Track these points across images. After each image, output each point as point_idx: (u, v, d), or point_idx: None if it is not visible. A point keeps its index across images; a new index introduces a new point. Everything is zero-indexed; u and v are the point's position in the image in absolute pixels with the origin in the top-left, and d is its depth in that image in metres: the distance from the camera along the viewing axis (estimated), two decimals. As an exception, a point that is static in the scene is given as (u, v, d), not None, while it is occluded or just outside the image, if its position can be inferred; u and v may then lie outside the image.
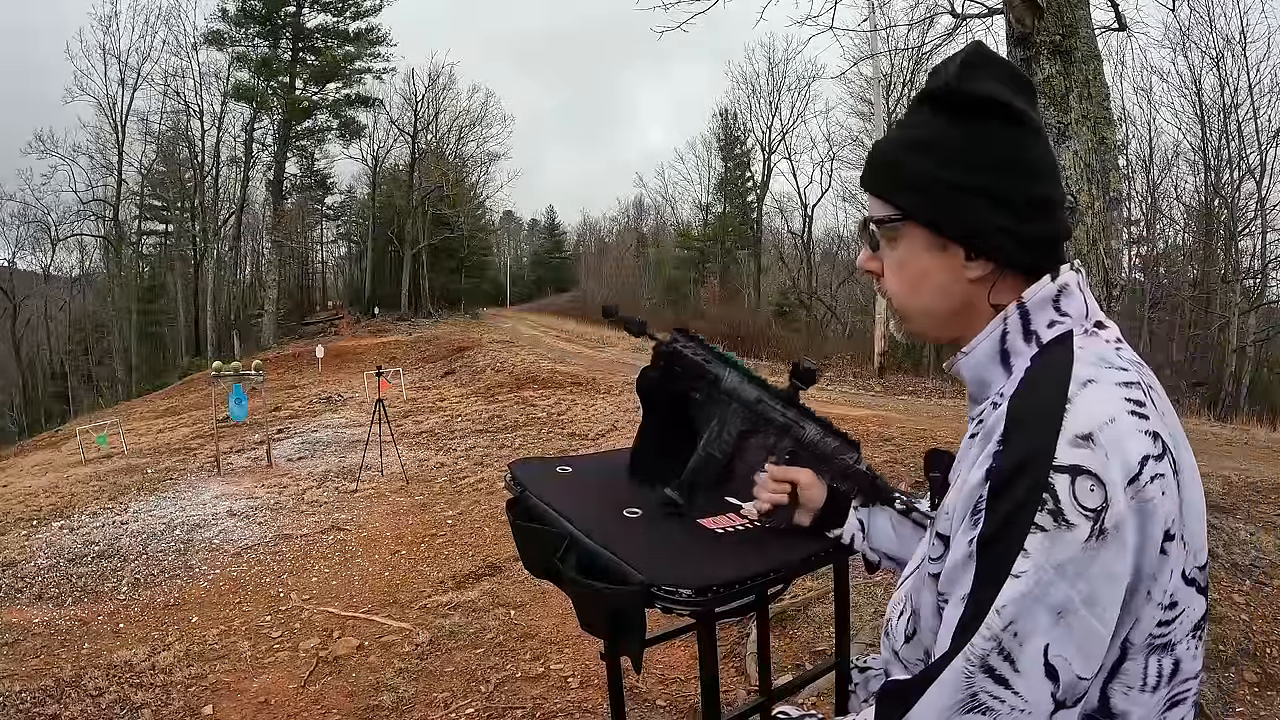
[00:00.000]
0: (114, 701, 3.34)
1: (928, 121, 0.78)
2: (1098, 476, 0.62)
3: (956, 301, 0.79)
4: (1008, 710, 0.63)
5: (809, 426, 1.06)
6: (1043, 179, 0.76)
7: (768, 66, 33.38)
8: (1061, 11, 2.72)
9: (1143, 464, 0.63)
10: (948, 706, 0.65)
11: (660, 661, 3.16)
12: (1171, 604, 0.68)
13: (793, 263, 31.17)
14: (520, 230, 61.07)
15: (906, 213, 0.78)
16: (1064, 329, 0.74)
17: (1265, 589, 3.14)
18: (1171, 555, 0.66)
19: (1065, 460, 0.62)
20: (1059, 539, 0.61)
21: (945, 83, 0.76)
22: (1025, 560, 0.62)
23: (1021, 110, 0.75)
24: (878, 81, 18.69)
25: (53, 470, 9.78)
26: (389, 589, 4.54)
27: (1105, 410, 0.65)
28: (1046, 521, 0.62)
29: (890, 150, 0.81)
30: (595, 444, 8.08)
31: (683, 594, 0.92)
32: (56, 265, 31.56)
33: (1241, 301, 18.45)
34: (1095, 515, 0.61)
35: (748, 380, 1.09)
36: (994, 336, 0.77)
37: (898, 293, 0.83)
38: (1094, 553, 0.61)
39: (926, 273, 0.79)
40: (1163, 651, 0.69)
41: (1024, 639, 0.62)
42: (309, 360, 18.80)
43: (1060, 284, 0.75)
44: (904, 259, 0.80)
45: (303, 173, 32.04)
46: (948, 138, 0.76)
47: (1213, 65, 19.52)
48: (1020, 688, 0.63)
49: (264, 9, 28.85)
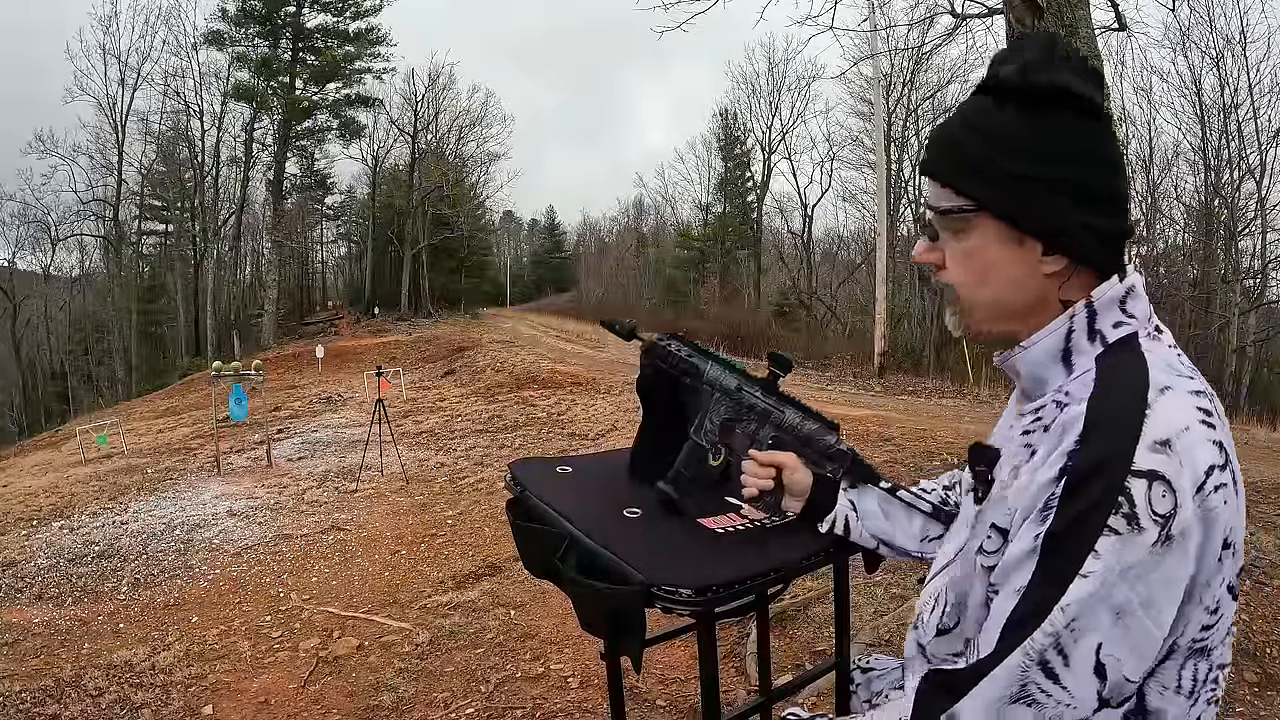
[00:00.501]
0: (114, 701, 3.34)
1: (999, 111, 0.75)
2: (1171, 483, 0.62)
3: (1030, 296, 0.77)
4: (1054, 705, 0.64)
5: (788, 411, 1.10)
6: (1118, 172, 0.75)
7: (768, 66, 33.41)
8: (1061, 11, 2.73)
9: (1209, 473, 0.64)
10: (998, 699, 0.65)
11: (660, 661, 3.16)
12: (1215, 609, 0.68)
13: (793, 263, 31.18)
14: (520, 230, 61.08)
15: (981, 204, 0.76)
16: (1129, 330, 0.74)
17: (1265, 589, 3.14)
18: (1226, 563, 0.67)
19: (1143, 465, 0.63)
20: (1130, 542, 0.62)
21: (1019, 73, 0.74)
22: (1095, 561, 0.63)
23: (1097, 102, 0.73)
24: (878, 81, 18.69)
25: (53, 470, 9.78)
26: (389, 589, 4.54)
27: (1182, 418, 0.65)
28: (1120, 524, 0.62)
29: (961, 137, 0.77)
30: (595, 444, 8.08)
31: (683, 594, 0.92)
32: (56, 265, 31.60)
33: (1241, 301, 18.44)
34: (1165, 521, 0.62)
35: (728, 371, 1.13)
36: (1059, 334, 0.75)
37: (965, 284, 0.80)
38: (1159, 558, 0.62)
39: (998, 265, 0.77)
40: (1200, 656, 0.69)
41: (1080, 637, 0.63)
42: (309, 360, 18.80)
43: (1128, 285, 0.75)
44: (973, 250, 0.78)
45: (303, 173, 32.05)
46: (1023, 129, 0.73)
47: (1213, 65, 19.53)
48: (1069, 683, 0.63)
49: (264, 9, 28.85)
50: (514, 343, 19.23)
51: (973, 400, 11.63)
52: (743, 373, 1.14)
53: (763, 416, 1.10)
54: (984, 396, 11.81)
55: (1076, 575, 0.63)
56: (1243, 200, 19.30)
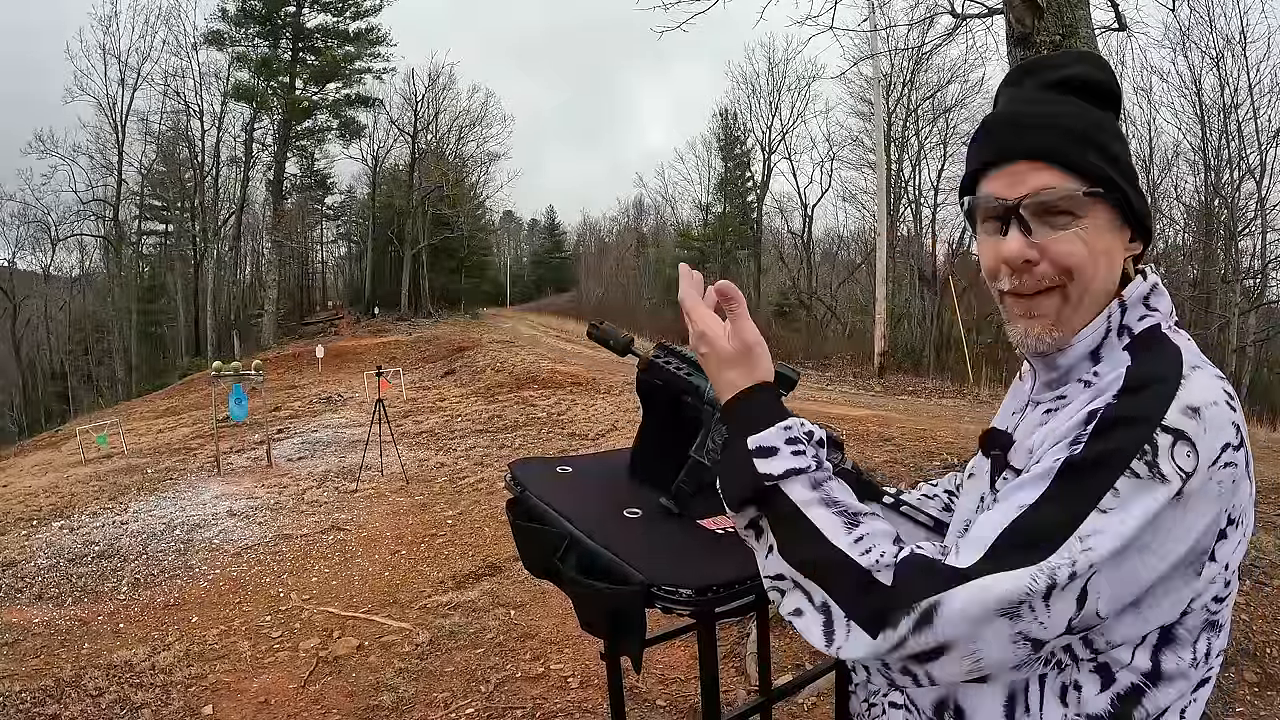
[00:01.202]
0: (114, 701, 3.34)
1: (1083, 105, 0.78)
2: (1195, 445, 0.65)
3: (1110, 285, 0.78)
4: (1032, 619, 0.64)
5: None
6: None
7: (768, 66, 33.39)
8: (1061, 11, 2.73)
9: (1224, 449, 0.66)
10: (991, 606, 0.64)
11: (660, 661, 3.16)
12: (1228, 582, 0.72)
13: (793, 263, 31.17)
14: (520, 230, 61.10)
15: (1104, 189, 0.74)
16: (1153, 322, 0.77)
17: (1265, 589, 3.14)
18: (1230, 539, 0.70)
19: (1173, 423, 0.65)
20: (1149, 487, 0.64)
21: (1104, 76, 0.81)
22: (1114, 499, 0.64)
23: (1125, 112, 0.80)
24: (878, 81, 18.68)
25: (53, 470, 9.78)
26: (389, 589, 4.54)
27: (1211, 393, 0.68)
28: (1142, 469, 0.64)
29: (1076, 121, 0.76)
30: (595, 444, 8.08)
31: (683, 594, 0.92)
32: (56, 265, 31.60)
33: (1241, 301, 18.44)
34: (1185, 477, 0.64)
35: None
36: (1099, 330, 0.77)
37: (1081, 275, 0.75)
38: (1172, 511, 0.64)
39: (1109, 253, 0.76)
40: (1212, 630, 0.72)
41: (1081, 574, 0.64)
42: (309, 360, 18.80)
43: (1152, 282, 0.79)
44: (1089, 238, 0.74)
45: (303, 173, 32.06)
46: (1111, 124, 0.79)
47: (1213, 65, 19.52)
48: (1054, 605, 0.64)
49: (264, 9, 28.85)
50: (514, 343, 19.24)
51: (973, 400, 11.63)
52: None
53: None
54: (984, 396, 11.82)
55: (1094, 509, 0.64)
56: (1243, 200, 19.29)
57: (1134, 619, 0.69)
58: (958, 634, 0.64)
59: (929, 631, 0.65)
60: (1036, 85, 0.81)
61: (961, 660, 0.65)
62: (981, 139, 0.81)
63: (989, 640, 0.64)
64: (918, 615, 0.65)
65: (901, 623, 0.65)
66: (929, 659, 0.66)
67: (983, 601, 0.64)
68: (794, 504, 0.72)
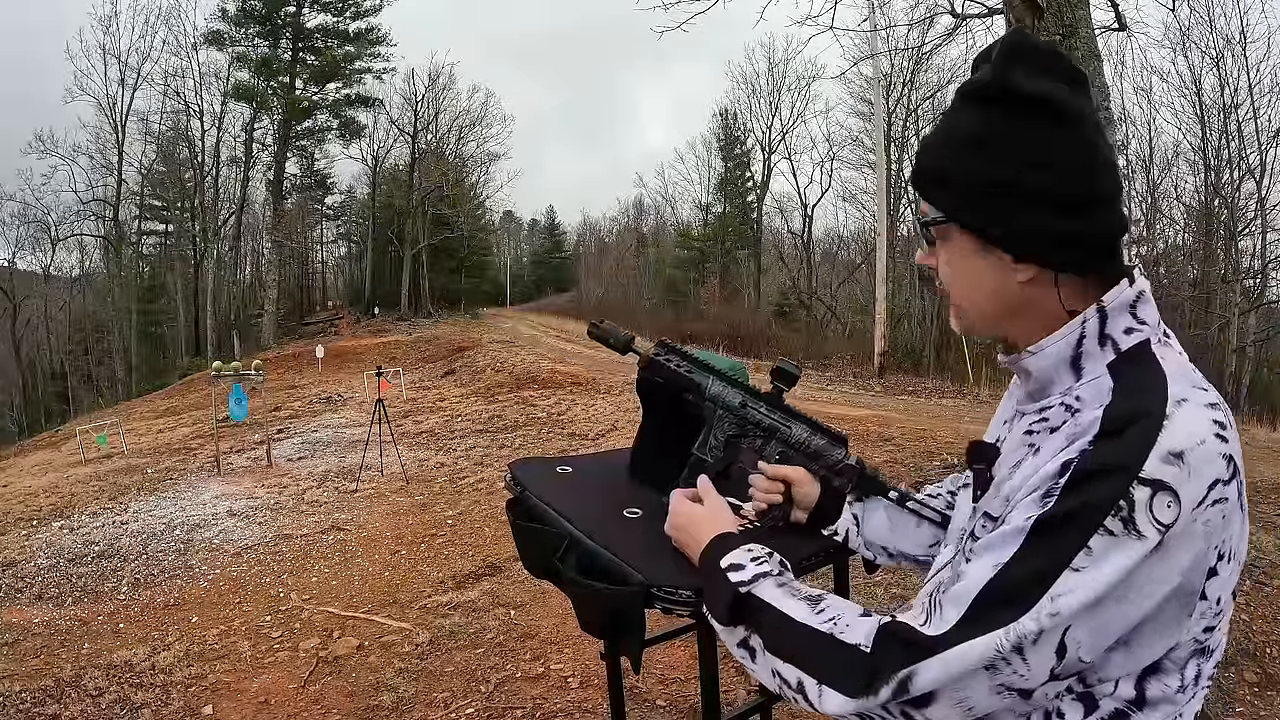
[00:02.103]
0: (114, 701, 3.34)
1: (967, 118, 0.75)
2: (1177, 494, 0.63)
3: (1010, 303, 0.76)
4: (1009, 673, 0.66)
5: (795, 426, 1.08)
6: (1086, 174, 0.71)
7: (768, 66, 33.41)
8: (1061, 11, 2.72)
9: (1212, 487, 0.64)
10: (966, 670, 0.66)
11: (660, 661, 3.16)
12: (1219, 613, 0.70)
13: (793, 263, 31.18)
14: (520, 230, 61.07)
15: (947, 214, 0.76)
16: (1141, 338, 0.72)
17: (1265, 589, 3.15)
18: (1222, 574, 0.68)
19: (1152, 474, 0.63)
20: (1124, 545, 0.63)
21: (984, 77, 0.73)
22: (1086, 558, 0.63)
23: (1061, 101, 0.70)
24: (878, 81, 18.68)
25: (53, 470, 9.78)
26: (389, 589, 4.54)
27: (1198, 431, 0.65)
28: (1117, 527, 0.63)
29: (932, 149, 0.78)
30: (595, 444, 8.08)
31: (683, 594, 0.92)
32: (56, 265, 31.60)
33: (1241, 301, 18.44)
34: (1165, 530, 0.62)
35: (731, 387, 1.10)
36: (1070, 340, 0.74)
37: (951, 291, 0.81)
38: (1150, 563, 0.63)
39: (976, 274, 0.77)
40: (1202, 656, 0.71)
41: (1054, 629, 0.64)
42: (309, 360, 18.80)
43: (1138, 290, 0.73)
44: (952, 259, 0.79)
45: (303, 173, 32.05)
46: (985, 136, 0.72)
47: (1213, 65, 19.52)
48: (1031, 659, 0.65)
49: (264, 9, 28.85)
50: (514, 343, 19.24)
51: (973, 400, 11.63)
52: (746, 387, 1.11)
53: (769, 432, 1.09)
54: (984, 396, 11.82)
55: (1067, 568, 0.64)
56: (1243, 200, 19.30)
57: (1124, 658, 0.68)
58: (940, 689, 0.67)
59: (911, 692, 0.68)
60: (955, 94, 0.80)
61: (952, 707, 0.68)
62: None
63: (974, 689, 0.67)
64: (896, 684, 0.68)
65: (882, 690, 0.69)
66: (921, 705, 0.69)
67: (959, 666, 0.66)
68: (765, 601, 0.80)
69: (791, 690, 0.76)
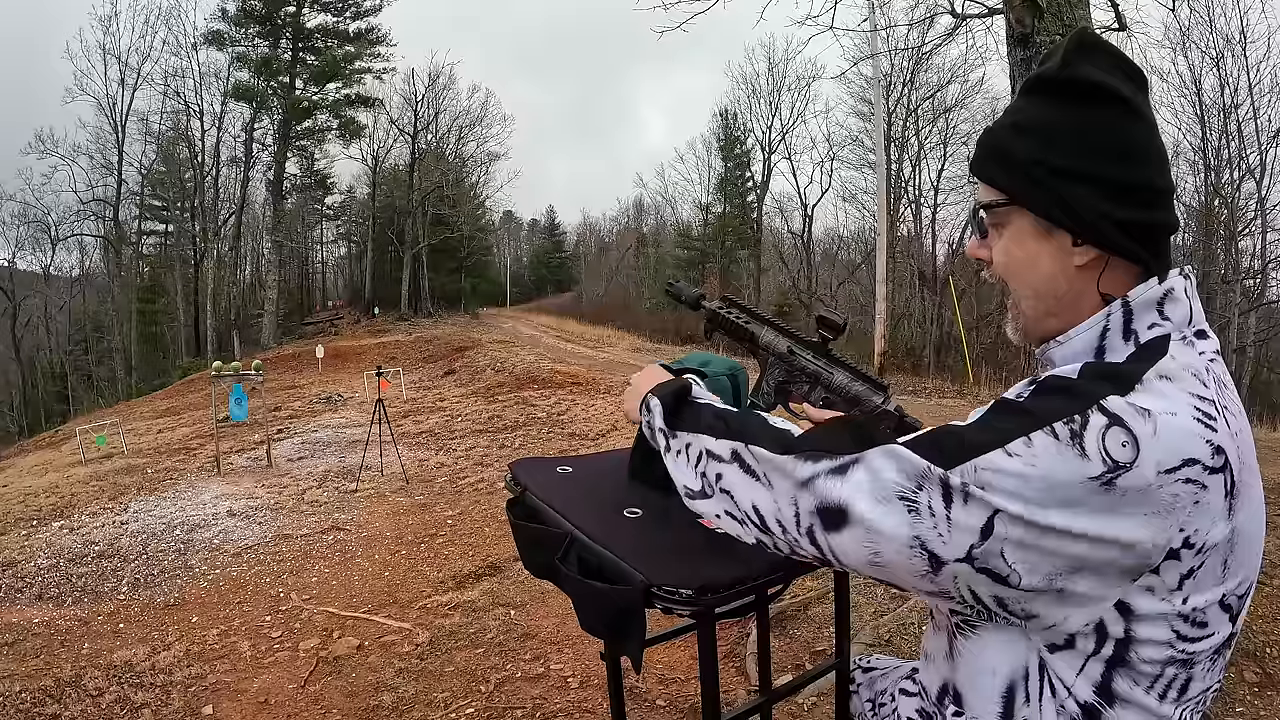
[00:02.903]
0: (114, 701, 3.34)
1: (1034, 106, 0.77)
2: (1137, 442, 0.63)
3: (1065, 288, 0.78)
4: (929, 526, 0.66)
5: (838, 373, 1.13)
6: (1147, 166, 0.74)
7: (768, 66, 33.43)
8: (1061, 11, 2.73)
9: (1187, 463, 0.64)
10: (891, 481, 0.68)
11: (660, 661, 3.16)
12: (1201, 623, 0.69)
13: (793, 263, 31.17)
14: (520, 230, 61.10)
15: (1013, 197, 0.78)
16: (1163, 332, 0.74)
17: (1265, 589, 3.14)
18: (1184, 562, 0.67)
19: (1114, 409, 0.65)
20: (1063, 454, 0.64)
21: (1054, 69, 0.76)
22: (1024, 446, 0.65)
23: (1127, 96, 0.74)
24: (878, 81, 18.68)
25: (53, 470, 9.77)
26: (389, 589, 4.54)
27: (1170, 403, 0.66)
28: (1063, 433, 0.64)
29: (998, 135, 0.80)
30: (595, 444, 8.08)
31: (683, 594, 0.92)
32: (56, 265, 31.58)
33: (1241, 301, 18.45)
34: (1114, 466, 0.63)
35: (781, 335, 1.19)
36: (1095, 330, 0.76)
37: (1001, 277, 0.83)
38: (1090, 494, 0.63)
39: (1034, 258, 0.79)
40: (1181, 666, 0.70)
41: (986, 495, 0.65)
42: (309, 360, 18.80)
43: (1166, 288, 0.75)
44: (1011, 245, 0.80)
45: (303, 173, 32.03)
46: (1053, 123, 0.75)
47: (1213, 65, 19.52)
48: (956, 517, 0.65)
49: (264, 9, 28.84)
50: (514, 343, 19.24)
51: (973, 400, 11.63)
52: (795, 336, 1.18)
53: (813, 379, 1.14)
54: (984, 396, 11.82)
55: (1001, 448, 0.65)
56: (1243, 200, 19.30)
57: (1062, 603, 0.67)
58: (861, 497, 0.68)
59: (840, 481, 0.69)
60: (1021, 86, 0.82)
61: (861, 543, 0.69)
62: None
63: (891, 526, 0.67)
64: (838, 463, 0.70)
65: (823, 460, 0.71)
66: (832, 525, 0.70)
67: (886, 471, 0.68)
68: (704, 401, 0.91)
69: (720, 462, 0.81)
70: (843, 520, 0.69)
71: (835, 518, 0.70)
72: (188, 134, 29.10)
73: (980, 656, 0.76)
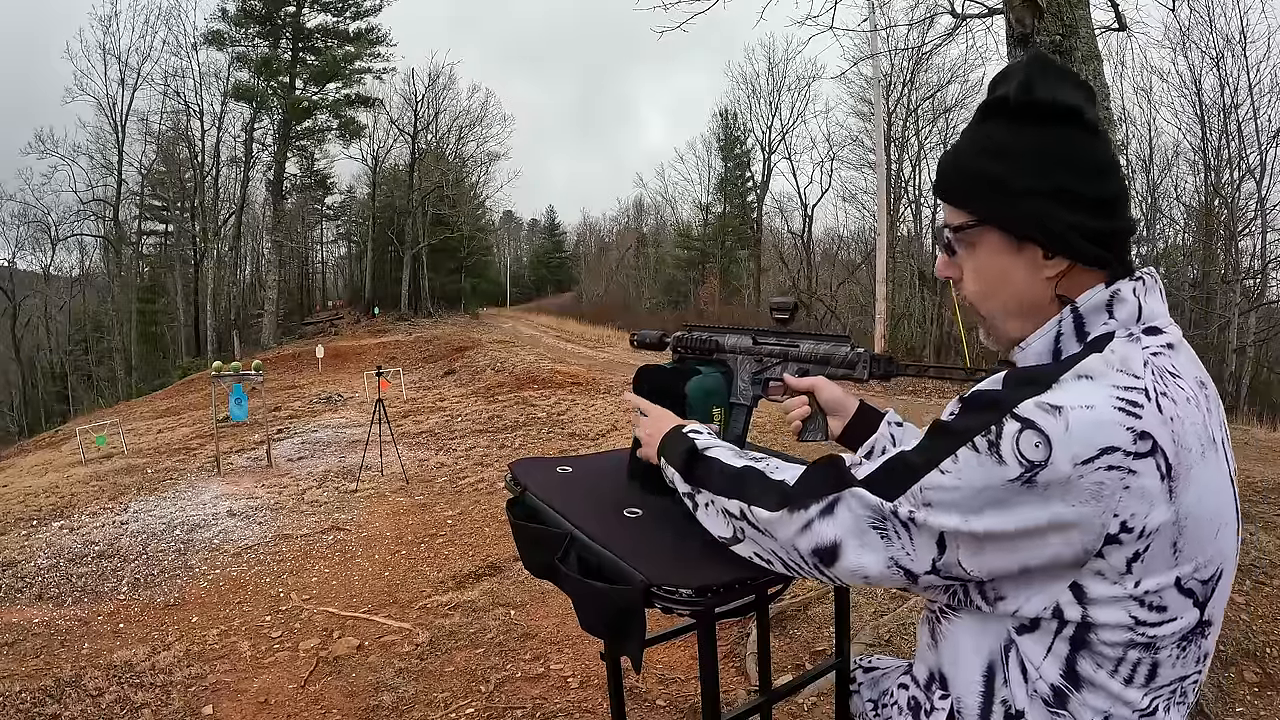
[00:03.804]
0: (114, 701, 3.34)
1: (996, 129, 0.82)
2: (1048, 439, 0.68)
3: (1036, 298, 0.82)
4: (899, 549, 0.76)
5: (802, 343, 1.19)
6: (1106, 177, 0.79)
7: (768, 66, 33.46)
8: (1061, 11, 2.72)
9: (1106, 452, 0.68)
10: (864, 517, 0.78)
11: (660, 661, 3.16)
12: (1158, 607, 0.72)
13: (793, 263, 31.17)
14: (520, 230, 61.12)
15: (982, 218, 0.83)
16: (1109, 330, 0.78)
17: (1265, 589, 3.14)
18: (1126, 547, 0.69)
19: (1025, 414, 0.70)
20: (984, 465, 0.71)
21: (1012, 92, 0.80)
22: (952, 464, 0.73)
23: (1084, 113, 0.78)
24: (878, 81, 18.67)
25: (53, 470, 9.77)
26: (389, 589, 4.54)
27: (1085, 397, 0.70)
28: (982, 446, 0.71)
29: (962, 158, 0.85)
30: (595, 444, 8.08)
31: (683, 594, 0.92)
32: (56, 265, 31.58)
33: (1241, 301, 18.44)
34: (1030, 466, 0.69)
35: (743, 333, 1.26)
36: (1050, 335, 0.82)
37: (978, 294, 0.87)
38: (1015, 494, 0.69)
39: (1006, 272, 0.83)
40: (1144, 650, 0.73)
41: (930, 515, 0.74)
42: (309, 360, 18.81)
43: (1112, 291, 0.79)
44: (983, 262, 0.85)
45: (303, 173, 32.02)
46: (1016, 144, 0.80)
47: (1213, 65, 19.51)
48: (915, 541, 0.75)
49: (264, 9, 28.83)
50: (514, 343, 19.25)
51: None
52: (754, 330, 1.25)
53: (782, 357, 1.20)
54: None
55: (936, 467, 0.74)
56: (1243, 200, 19.29)
57: (1022, 587, 0.74)
58: (846, 534, 0.79)
59: (830, 522, 0.80)
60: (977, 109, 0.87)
61: (851, 569, 0.79)
62: None
63: (872, 554, 0.78)
64: (825, 504, 0.80)
65: (811, 506, 0.81)
66: (827, 560, 0.80)
67: (857, 510, 0.78)
68: (714, 456, 0.97)
69: (736, 519, 0.90)
70: (835, 555, 0.80)
71: (829, 555, 0.80)
72: (188, 134, 29.11)
73: (960, 639, 0.82)
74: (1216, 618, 0.76)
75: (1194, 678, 0.76)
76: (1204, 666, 0.78)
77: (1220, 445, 0.76)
